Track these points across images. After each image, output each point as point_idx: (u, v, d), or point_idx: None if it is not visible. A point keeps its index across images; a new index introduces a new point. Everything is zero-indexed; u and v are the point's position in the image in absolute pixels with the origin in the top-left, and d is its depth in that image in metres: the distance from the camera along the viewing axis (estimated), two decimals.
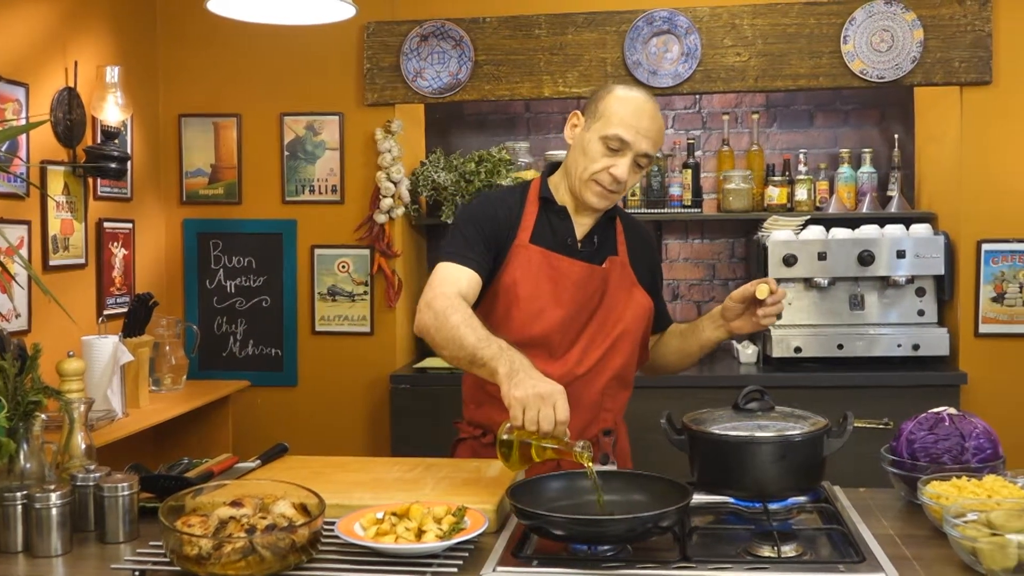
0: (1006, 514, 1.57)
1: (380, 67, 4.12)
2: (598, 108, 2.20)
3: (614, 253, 2.29)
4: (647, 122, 2.17)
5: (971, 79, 3.83)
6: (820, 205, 4.30)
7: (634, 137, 2.14)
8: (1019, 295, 3.84)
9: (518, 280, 2.19)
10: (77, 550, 1.74)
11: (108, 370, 3.14)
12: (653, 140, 2.18)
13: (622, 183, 2.18)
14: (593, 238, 2.28)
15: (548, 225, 2.25)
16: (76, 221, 3.58)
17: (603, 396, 2.26)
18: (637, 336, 2.31)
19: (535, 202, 2.27)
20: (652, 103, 2.21)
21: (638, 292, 2.31)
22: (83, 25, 3.66)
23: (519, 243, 2.22)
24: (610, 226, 2.32)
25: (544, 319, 2.19)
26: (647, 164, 2.22)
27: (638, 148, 2.15)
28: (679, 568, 1.55)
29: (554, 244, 2.23)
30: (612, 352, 2.25)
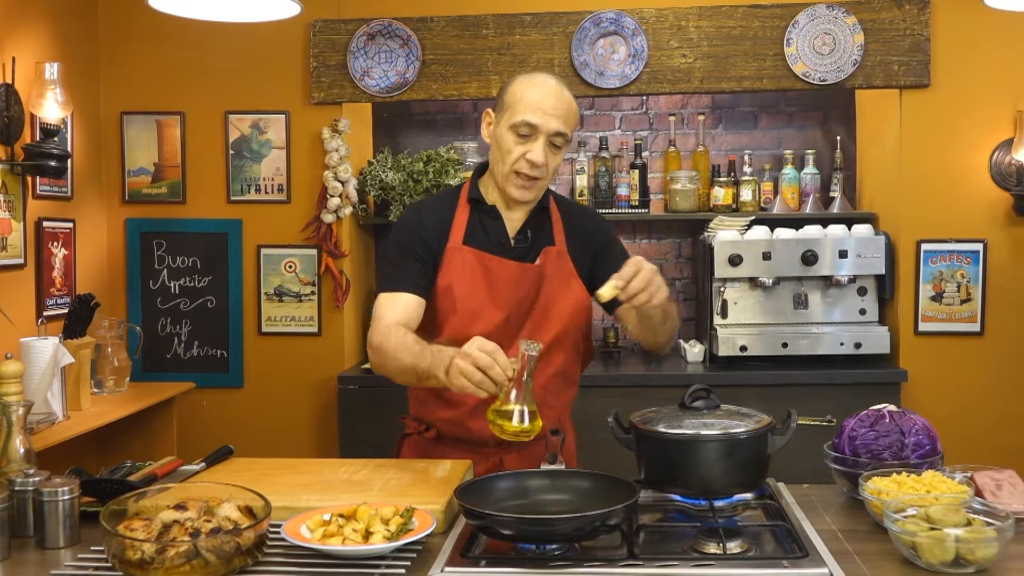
0: (944, 509, 1.60)
1: (327, 65, 4.09)
2: (504, 100, 2.22)
3: (550, 244, 2.29)
4: (552, 101, 2.18)
5: (910, 82, 3.91)
6: (765, 206, 4.36)
7: (541, 119, 2.16)
8: (957, 294, 3.93)
9: (453, 283, 2.21)
10: (16, 556, 1.71)
11: (48, 372, 3.08)
12: (561, 117, 2.18)
13: (540, 167, 2.18)
14: (527, 233, 2.28)
15: (480, 225, 2.26)
16: (14, 220, 3.50)
17: (545, 393, 2.25)
18: (576, 331, 2.31)
19: (466, 204, 2.29)
20: (556, 83, 2.22)
21: (576, 284, 2.29)
22: (22, 20, 3.58)
23: (452, 246, 2.23)
24: (543, 217, 2.31)
25: (482, 319, 2.20)
26: (563, 143, 2.21)
27: (548, 128, 2.16)
28: (626, 566, 1.56)
29: (487, 244, 2.25)
30: (552, 349, 2.25)
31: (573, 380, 2.36)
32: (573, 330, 2.30)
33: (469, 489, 1.74)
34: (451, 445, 2.30)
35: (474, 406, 2.18)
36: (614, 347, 4.44)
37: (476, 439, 2.26)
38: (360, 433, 3.86)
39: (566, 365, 2.30)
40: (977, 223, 3.92)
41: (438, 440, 2.32)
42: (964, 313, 3.93)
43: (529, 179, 2.19)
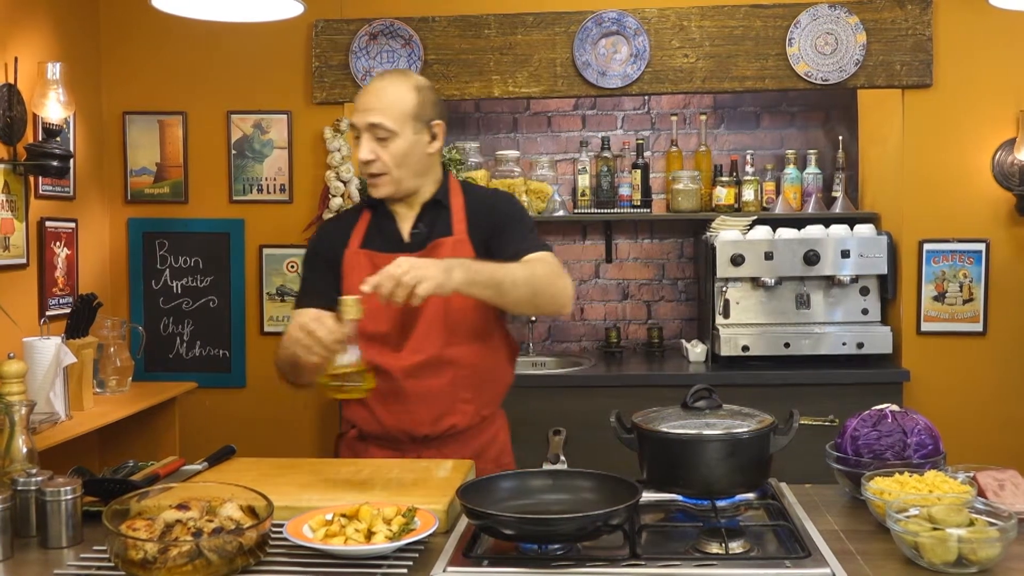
0: (946, 509, 1.60)
1: (329, 65, 4.09)
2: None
3: (446, 234, 2.29)
4: (366, 97, 2.26)
5: (912, 82, 3.91)
6: (767, 206, 4.35)
7: (357, 118, 2.25)
8: (959, 294, 3.92)
9: (350, 285, 2.27)
10: (19, 556, 1.71)
11: (50, 372, 3.08)
12: (374, 109, 2.23)
13: (372, 163, 2.24)
14: (420, 227, 2.31)
15: (376, 228, 2.34)
16: (17, 220, 3.51)
17: (454, 387, 2.26)
18: (483, 321, 2.30)
19: (367, 211, 2.38)
20: (380, 77, 2.30)
21: None
22: (24, 20, 3.58)
23: (350, 251, 2.33)
24: (438, 209, 2.32)
25: (378, 315, 2.20)
26: (389, 133, 2.22)
27: (363, 123, 2.24)
28: (629, 566, 1.56)
29: (383, 244, 2.31)
30: (452, 340, 2.26)
31: (488, 374, 2.34)
32: (479, 320, 2.29)
33: (471, 489, 1.74)
34: (374, 443, 2.33)
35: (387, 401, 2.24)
36: (616, 347, 4.44)
37: (390, 435, 2.29)
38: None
39: (476, 357, 2.28)
40: (979, 223, 3.92)
41: (361, 439, 2.35)
42: (966, 313, 3.92)
43: (372, 176, 2.26)
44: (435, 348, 2.24)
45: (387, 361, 2.24)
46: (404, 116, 2.24)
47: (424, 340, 2.25)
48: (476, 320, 2.29)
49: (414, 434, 2.28)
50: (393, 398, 2.26)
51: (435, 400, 2.26)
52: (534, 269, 2.19)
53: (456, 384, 2.26)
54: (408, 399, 2.25)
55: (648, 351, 4.46)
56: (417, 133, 2.26)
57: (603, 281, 4.70)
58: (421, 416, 2.27)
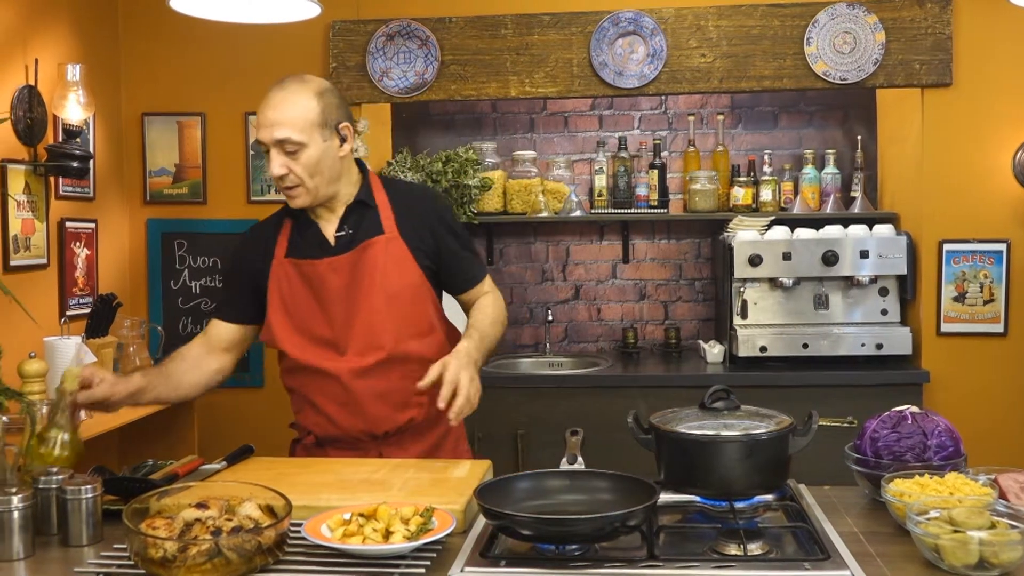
0: (967, 511, 1.59)
1: (346, 66, 4.10)
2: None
3: (377, 233, 2.29)
4: (269, 113, 2.21)
5: (932, 81, 3.88)
6: (785, 206, 4.33)
7: (263, 135, 2.21)
8: (980, 295, 3.90)
9: (282, 295, 2.29)
10: (40, 554, 1.72)
11: None
12: (277, 123, 2.19)
13: (285, 177, 2.22)
14: (346, 229, 2.30)
15: (300, 236, 2.32)
16: (37, 221, 3.53)
17: (405, 382, 2.24)
18: (424, 315, 2.30)
19: (287, 219, 2.36)
20: (280, 88, 2.25)
21: (410, 268, 2.28)
22: (44, 22, 3.61)
23: (276, 261, 2.31)
24: (362, 210, 2.31)
25: (315, 322, 2.26)
26: (298, 147, 2.20)
27: (270, 139, 2.20)
28: (646, 567, 1.55)
29: (307, 251, 2.30)
30: (401, 336, 2.26)
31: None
32: (420, 313, 2.30)
33: (488, 489, 1.74)
34: (331, 446, 2.33)
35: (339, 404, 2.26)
36: (633, 347, 4.43)
37: (349, 436, 2.29)
38: None
39: (425, 350, 2.27)
40: (1000, 223, 3.89)
41: (318, 445, 2.34)
42: (987, 314, 3.90)
43: (287, 188, 2.24)
44: (384, 349, 2.24)
45: (333, 365, 2.24)
46: (310, 126, 2.20)
47: (370, 341, 2.24)
48: (419, 315, 2.29)
49: (374, 432, 2.28)
50: (347, 401, 2.26)
51: (389, 398, 2.26)
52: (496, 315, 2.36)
53: (407, 379, 2.22)
54: (362, 400, 2.25)
55: (665, 352, 4.45)
56: (326, 140, 2.23)
57: (620, 281, 4.70)
58: (377, 414, 2.26)
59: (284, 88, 2.23)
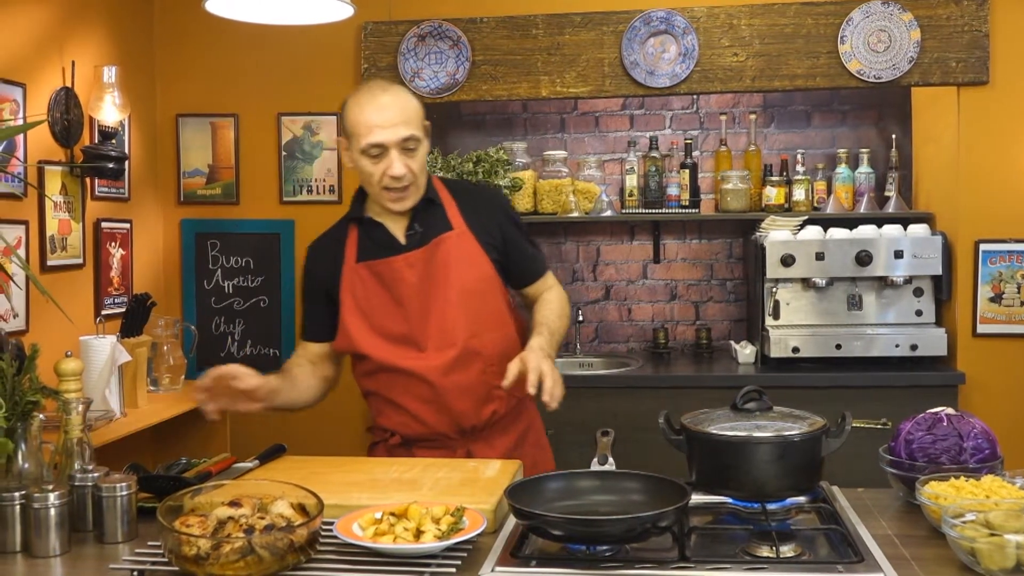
0: (1004, 514, 1.57)
1: (378, 67, 4.11)
2: (347, 127, 2.28)
3: (446, 229, 2.31)
4: (387, 113, 2.21)
5: (968, 79, 3.84)
6: (818, 205, 4.30)
7: (384, 135, 2.20)
8: (1017, 295, 3.84)
9: (356, 298, 2.31)
10: (75, 550, 1.74)
11: (106, 370, 3.14)
12: (402, 122, 2.21)
13: (404, 176, 2.22)
14: (415, 228, 2.32)
15: (369, 239, 2.34)
16: (74, 221, 3.58)
17: (485, 375, 2.27)
18: (494, 305, 2.32)
19: (353, 225, 2.37)
20: (383, 91, 2.25)
21: (482, 262, 2.31)
22: (80, 25, 3.66)
23: (347, 267, 2.33)
24: (430, 208, 2.33)
25: (391, 320, 2.28)
26: (418, 143, 2.24)
27: (394, 140, 2.21)
28: (678, 568, 1.55)
29: (380, 252, 2.31)
30: (480, 330, 2.28)
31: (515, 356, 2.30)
32: (492, 308, 2.32)
33: (519, 489, 1.74)
34: (418, 445, 2.34)
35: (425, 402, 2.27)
36: (664, 348, 4.41)
37: (436, 434, 2.30)
38: None
39: (501, 344, 2.30)
40: None
41: (403, 445, 2.35)
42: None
43: (399, 190, 2.25)
44: (460, 343, 2.26)
45: (416, 363, 2.26)
46: (421, 123, 2.28)
47: (448, 337, 2.26)
48: (491, 309, 2.31)
49: (462, 427, 2.30)
50: (432, 398, 2.28)
51: (471, 392, 2.28)
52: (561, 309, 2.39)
53: (485, 373, 2.28)
54: (447, 396, 2.27)
55: (696, 352, 4.43)
56: (427, 138, 2.31)
57: (651, 281, 4.68)
58: (462, 409, 2.29)
59: (386, 90, 2.26)
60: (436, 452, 2.30)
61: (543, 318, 2.32)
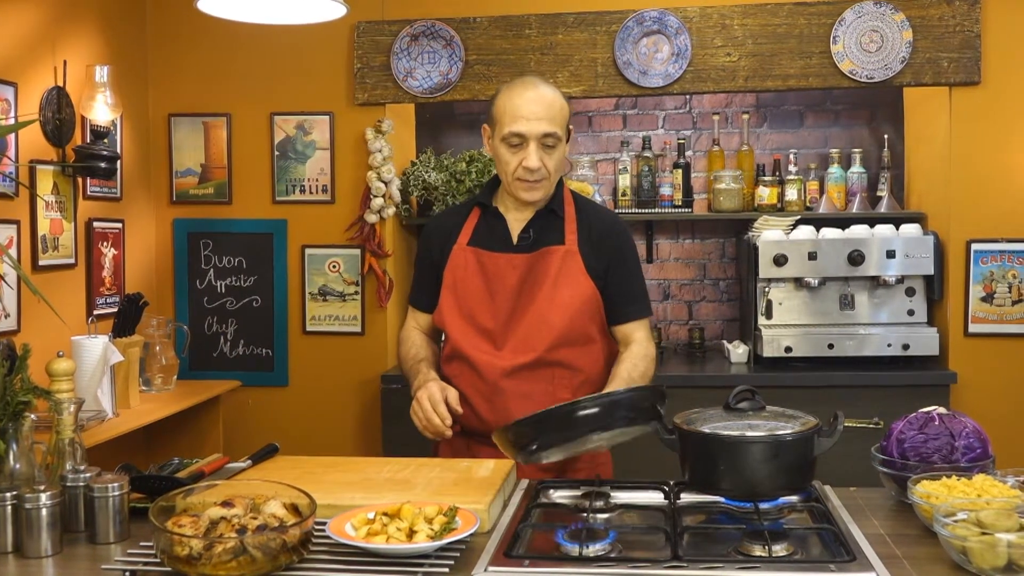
0: (995, 513, 1.58)
1: (370, 67, 4.11)
2: (493, 115, 2.35)
3: (558, 243, 2.35)
4: (533, 107, 2.27)
5: (960, 79, 3.85)
6: (810, 205, 4.31)
7: (526, 127, 2.26)
8: (1008, 295, 3.85)
9: (456, 279, 2.37)
10: (67, 551, 1.74)
11: (98, 370, 3.13)
12: (546, 119, 2.27)
13: (538, 170, 2.28)
14: (530, 232, 2.36)
15: (486, 227, 2.40)
16: (66, 221, 3.57)
17: (554, 386, 2.30)
18: (584, 325, 2.34)
19: (476, 209, 2.44)
20: (536, 86, 2.31)
21: (584, 282, 2.33)
22: (72, 24, 3.65)
23: (458, 247, 2.39)
24: (551, 218, 2.38)
25: (481, 311, 2.33)
26: (557, 141, 2.29)
27: (536, 133, 2.26)
28: (670, 567, 1.55)
29: (490, 243, 2.37)
30: (558, 341, 2.30)
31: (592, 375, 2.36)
32: (579, 327, 2.33)
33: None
34: (475, 440, 2.35)
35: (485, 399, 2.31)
36: (657, 347, 4.40)
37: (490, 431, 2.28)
38: (403, 432, 3.86)
39: (579, 360, 2.33)
40: None
41: (463, 435, 2.36)
42: (1015, 314, 3.86)
43: (532, 182, 2.30)
44: (539, 351, 2.29)
45: (487, 359, 2.30)
46: (565, 123, 2.33)
47: (529, 342, 2.29)
48: (582, 325, 2.33)
49: None
50: (492, 396, 2.31)
51: (534, 399, 2.28)
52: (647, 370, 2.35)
53: (555, 383, 2.31)
54: (507, 398, 2.29)
55: (689, 352, 4.44)
56: (567, 141, 2.36)
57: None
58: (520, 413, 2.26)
59: (537, 86, 2.31)
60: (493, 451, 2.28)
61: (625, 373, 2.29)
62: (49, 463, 1.91)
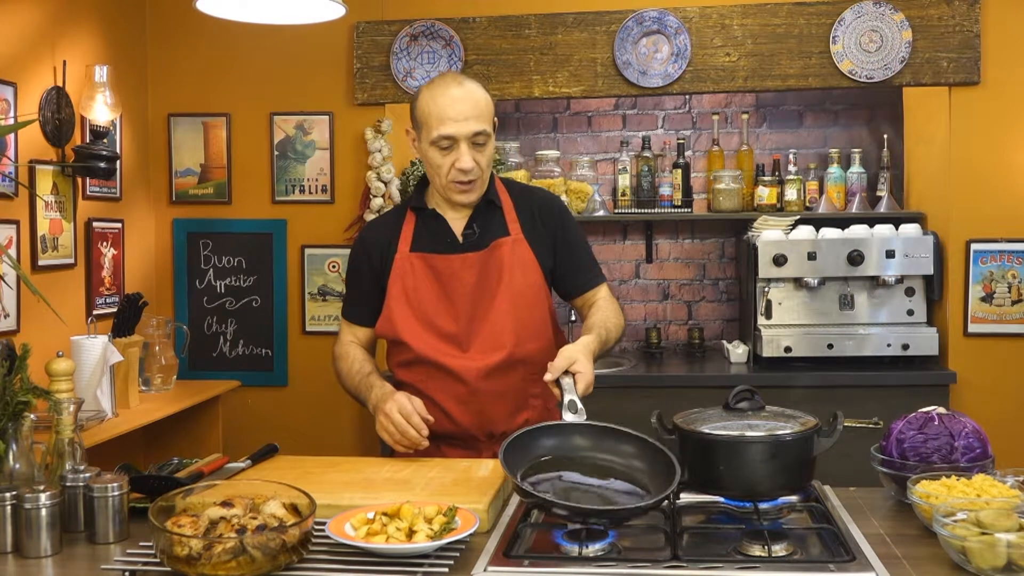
0: (995, 513, 1.58)
1: (370, 67, 4.11)
2: (417, 118, 2.30)
3: (503, 234, 2.33)
4: (459, 106, 2.22)
5: (960, 79, 3.85)
6: (810, 205, 4.30)
7: (455, 128, 2.22)
8: (1008, 295, 3.86)
9: (405, 287, 2.31)
10: (67, 551, 1.74)
11: (98, 370, 3.13)
12: (475, 117, 2.23)
13: (471, 170, 2.24)
14: (474, 228, 2.33)
15: (425, 230, 2.35)
16: (65, 221, 3.57)
17: (525, 383, 2.30)
18: (544, 319, 2.34)
19: (411, 214, 2.38)
20: (458, 84, 2.26)
21: (533, 272, 2.33)
22: (72, 24, 3.65)
23: (400, 255, 2.33)
24: (490, 210, 2.35)
25: (440, 316, 2.29)
26: (487, 138, 2.26)
27: (465, 133, 2.22)
28: (670, 567, 1.55)
29: (435, 245, 2.33)
30: (526, 338, 2.29)
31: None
32: (539, 317, 2.33)
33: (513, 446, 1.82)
34: (446, 443, 2.34)
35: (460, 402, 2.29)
36: (656, 347, 4.42)
37: (465, 434, 2.32)
38: None
39: (544, 354, 2.30)
40: None
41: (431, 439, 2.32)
42: (1015, 314, 3.86)
43: (466, 183, 2.27)
44: (506, 349, 2.28)
45: (457, 363, 2.28)
46: (492, 119, 2.30)
47: (494, 341, 2.28)
48: (538, 317, 2.33)
49: (492, 431, 2.31)
50: (468, 399, 2.29)
51: (509, 397, 2.30)
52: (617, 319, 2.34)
53: (526, 380, 2.31)
54: (483, 399, 2.29)
55: (689, 352, 4.44)
56: (495, 133, 2.33)
57: (643, 281, 4.68)
58: (495, 414, 2.30)
59: (461, 84, 2.26)
60: (463, 451, 2.32)
61: (598, 321, 2.30)
62: (49, 463, 1.91)
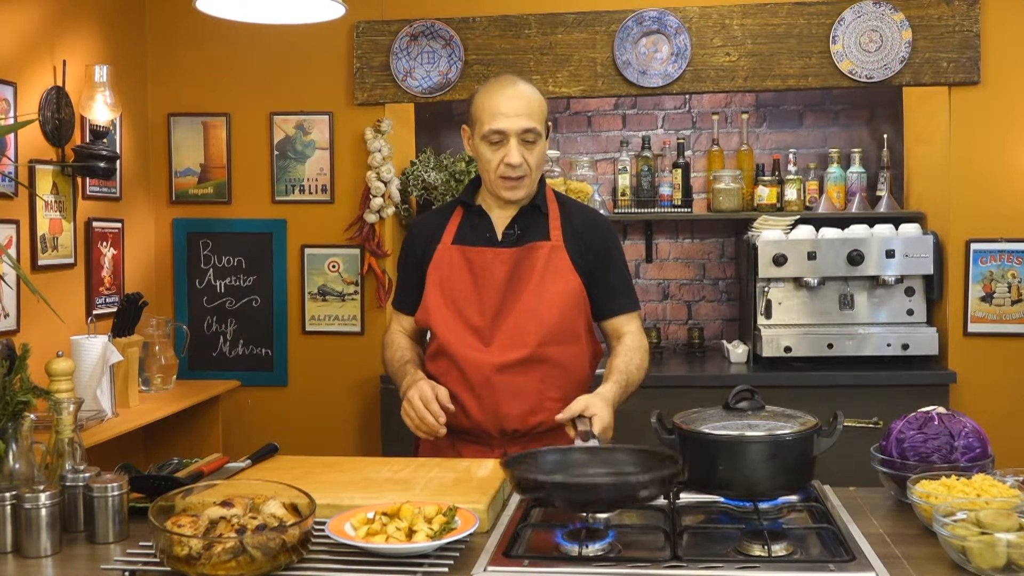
0: (995, 513, 1.58)
1: (370, 66, 4.11)
2: (472, 115, 2.35)
3: (543, 239, 2.36)
4: (511, 102, 2.28)
5: (959, 79, 3.85)
6: (810, 205, 4.31)
7: (505, 123, 2.27)
8: (1008, 295, 3.86)
9: (442, 277, 2.37)
10: (67, 550, 1.74)
11: (97, 370, 3.13)
12: (526, 114, 2.28)
13: (520, 165, 2.29)
14: (515, 228, 2.37)
15: (470, 225, 2.41)
16: (65, 221, 3.57)
17: (543, 385, 2.31)
18: (573, 324, 2.35)
19: (459, 209, 2.44)
20: (513, 83, 2.32)
21: (571, 278, 2.34)
22: (72, 24, 3.65)
23: (442, 246, 2.39)
24: (535, 215, 2.39)
25: (469, 307, 2.33)
26: (537, 137, 2.31)
27: (515, 128, 2.27)
28: (670, 567, 1.55)
29: (475, 239, 2.38)
30: (548, 337, 2.30)
31: (580, 374, 2.39)
32: (569, 322, 2.34)
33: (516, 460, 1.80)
34: (461, 439, 2.35)
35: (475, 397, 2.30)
36: (656, 347, 4.42)
37: (480, 430, 2.32)
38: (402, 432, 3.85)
39: (567, 358, 2.33)
40: None
41: (448, 434, 2.33)
42: (1015, 314, 3.86)
43: (514, 179, 2.31)
44: (529, 347, 2.29)
45: (477, 356, 2.30)
46: (544, 119, 2.34)
47: (518, 337, 2.29)
48: (568, 324, 2.34)
49: (504, 428, 2.31)
50: (483, 394, 2.30)
51: (525, 397, 2.30)
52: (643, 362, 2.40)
53: (545, 382, 2.31)
54: (498, 395, 2.29)
55: (689, 352, 4.44)
56: (547, 136, 2.37)
57: (643, 281, 4.68)
58: (509, 412, 2.30)
59: (515, 83, 2.32)
60: (478, 449, 2.32)
61: (622, 365, 2.33)
62: (48, 463, 1.91)
